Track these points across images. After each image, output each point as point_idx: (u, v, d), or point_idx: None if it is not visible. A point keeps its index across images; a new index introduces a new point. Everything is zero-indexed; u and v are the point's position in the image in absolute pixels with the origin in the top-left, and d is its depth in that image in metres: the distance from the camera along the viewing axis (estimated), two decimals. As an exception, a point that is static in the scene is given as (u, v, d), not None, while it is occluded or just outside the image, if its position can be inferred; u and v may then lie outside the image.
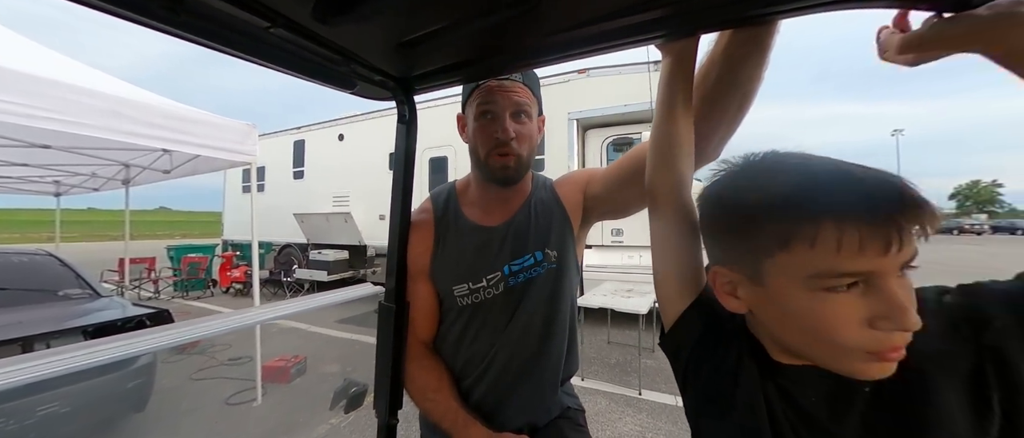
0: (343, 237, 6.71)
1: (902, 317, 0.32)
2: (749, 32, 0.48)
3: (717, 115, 0.55)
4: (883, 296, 0.33)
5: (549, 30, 0.50)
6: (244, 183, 8.19)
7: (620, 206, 0.78)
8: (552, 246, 0.78)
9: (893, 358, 0.34)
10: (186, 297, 7.02)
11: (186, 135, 2.52)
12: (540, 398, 0.80)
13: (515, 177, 0.78)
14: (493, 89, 0.74)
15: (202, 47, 0.49)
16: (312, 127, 7.76)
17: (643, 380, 3.06)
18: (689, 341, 0.48)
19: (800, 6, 0.39)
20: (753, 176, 0.39)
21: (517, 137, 0.74)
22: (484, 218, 0.81)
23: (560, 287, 0.79)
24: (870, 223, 0.32)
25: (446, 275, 0.79)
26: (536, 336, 0.78)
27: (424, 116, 1.24)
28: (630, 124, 4.82)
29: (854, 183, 0.33)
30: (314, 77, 0.61)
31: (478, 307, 0.78)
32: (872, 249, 0.32)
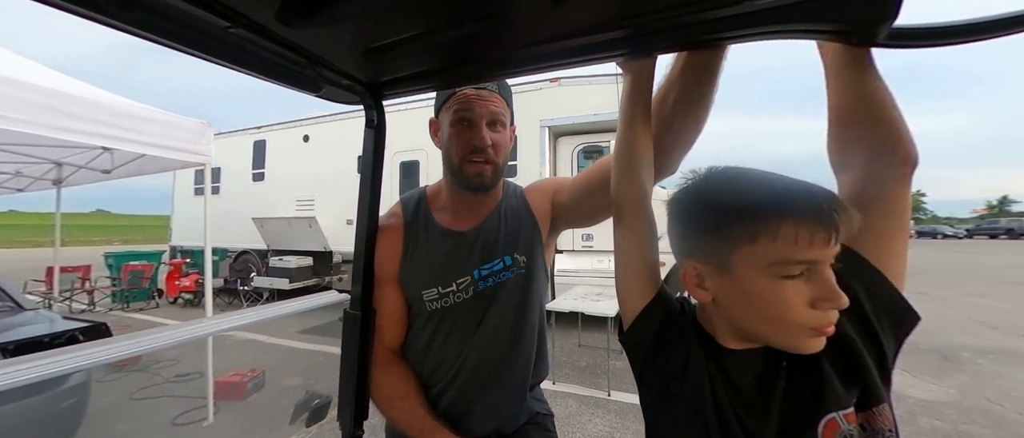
0: (307, 243, 6.41)
1: (837, 299, 0.40)
2: (701, 57, 0.53)
3: (675, 132, 0.60)
4: (822, 282, 0.41)
5: (516, 44, 0.51)
6: (197, 185, 7.64)
7: (587, 214, 0.81)
8: (521, 251, 0.80)
9: (828, 333, 0.42)
10: (127, 309, 6.41)
11: (131, 133, 2.32)
12: (508, 403, 0.81)
13: (490, 184, 0.79)
14: (470, 97, 0.75)
15: (156, 44, 0.46)
16: (274, 127, 7.38)
17: (612, 381, 3.13)
18: (647, 337, 0.53)
19: (740, 34, 0.44)
20: (723, 184, 0.47)
21: (493, 145, 0.76)
22: (455, 223, 0.82)
23: (529, 292, 0.80)
24: (818, 222, 0.40)
25: (416, 280, 0.79)
26: (505, 341, 0.79)
27: (395, 119, 1.22)
28: (599, 133, 4.98)
29: (806, 192, 0.42)
30: (278, 79, 0.59)
31: (447, 311, 0.78)
32: (819, 242, 0.40)
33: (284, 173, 7.03)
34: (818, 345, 0.42)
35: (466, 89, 0.75)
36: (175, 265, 6.98)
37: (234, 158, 7.39)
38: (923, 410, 2.79)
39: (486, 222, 0.81)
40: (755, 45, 0.46)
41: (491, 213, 0.82)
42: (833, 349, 0.44)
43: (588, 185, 0.77)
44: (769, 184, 0.44)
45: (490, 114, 0.75)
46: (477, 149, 0.75)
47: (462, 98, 0.75)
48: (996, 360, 3.77)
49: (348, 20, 0.48)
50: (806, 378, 0.44)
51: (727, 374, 0.47)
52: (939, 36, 0.37)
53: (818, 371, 0.44)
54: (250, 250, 7.20)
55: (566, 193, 0.82)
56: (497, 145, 0.76)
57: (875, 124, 0.46)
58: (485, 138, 0.74)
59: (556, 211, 0.83)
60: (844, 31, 0.38)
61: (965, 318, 5.50)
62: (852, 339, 0.44)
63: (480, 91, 0.75)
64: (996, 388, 3.13)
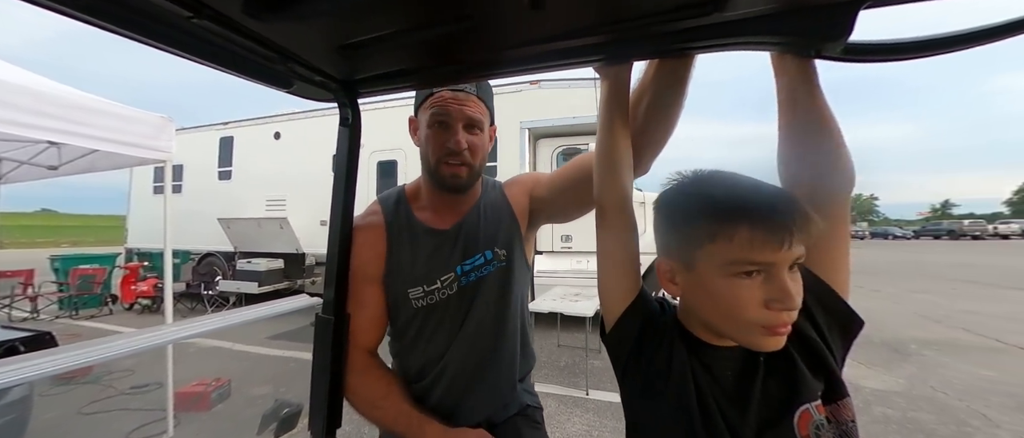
0: (278, 244, 6.15)
1: (788, 300, 0.43)
2: (671, 65, 0.56)
3: (647, 135, 0.63)
4: (776, 284, 0.43)
5: (494, 46, 0.51)
6: (156, 183, 7.20)
7: (563, 210, 0.83)
8: (501, 245, 0.82)
9: (782, 333, 0.44)
10: (76, 316, 5.95)
11: (81, 126, 2.15)
12: (497, 394, 0.82)
13: (466, 185, 0.80)
14: (447, 100, 0.75)
15: (110, 33, 0.43)
16: (243, 123, 7.05)
17: (590, 380, 3.18)
18: (630, 336, 0.55)
19: (708, 45, 0.46)
20: (697, 185, 0.50)
21: (470, 148, 0.77)
22: (435, 221, 0.83)
23: (509, 284, 0.82)
24: (771, 226, 0.42)
25: (401, 279, 0.79)
26: (489, 333, 0.80)
27: (372, 117, 1.19)
28: (579, 135, 5.05)
29: (764, 197, 0.45)
30: (246, 74, 0.57)
31: (433, 308, 0.79)
32: (771, 246, 0.42)
33: (253, 171, 6.73)
34: (773, 344, 0.45)
35: (444, 91, 0.75)
36: (131, 269, 6.54)
37: (199, 155, 7.02)
38: (876, 399, 2.99)
39: (466, 218, 0.83)
40: (727, 55, 0.48)
41: (471, 209, 0.84)
42: (802, 345, 0.48)
43: (565, 181, 0.80)
44: (735, 188, 0.47)
45: (466, 117, 0.76)
46: (453, 152, 0.76)
47: (439, 100, 0.75)
48: (939, 351, 4.09)
49: (320, 15, 0.47)
50: (782, 372, 0.47)
51: (709, 369, 0.49)
52: (889, 52, 0.40)
53: (792, 365, 0.47)
54: (215, 252, 6.84)
55: (544, 188, 0.84)
56: (473, 147, 0.77)
57: (823, 143, 0.49)
58: (461, 142, 0.75)
59: (534, 205, 0.85)
60: (802, 45, 0.40)
61: (912, 313, 5.93)
62: (815, 338, 0.48)
63: (457, 94, 0.75)
64: (940, 377, 3.39)
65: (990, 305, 6.34)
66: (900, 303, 6.70)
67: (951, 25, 0.40)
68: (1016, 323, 5.13)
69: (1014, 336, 4.51)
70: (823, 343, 0.48)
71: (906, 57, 0.41)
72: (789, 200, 0.44)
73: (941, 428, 2.56)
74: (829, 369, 0.47)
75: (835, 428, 0.45)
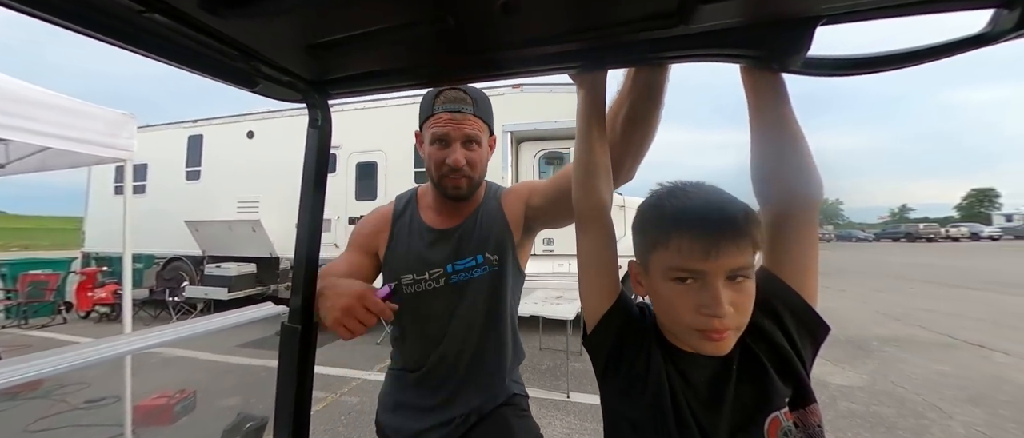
0: (250, 248, 5.92)
1: (714, 307, 0.45)
2: (646, 76, 0.57)
3: (627, 143, 0.65)
4: (706, 291, 0.46)
5: (466, 49, 0.51)
6: (117, 183, 6.81)
7: (556, 217, 0.87)
8: (492, 251, 0.88)
9: (715, 338, 0.46)
10: (25, 325, 5.54)
11: (30, 121, 2.00)
12: (485, 386, 0.89)
13: (467, 195, 0.88)
14: (446, 121, 0.83)
15: (53, 25, 0.40)
16: (213, 121, 6.76)
17: (571, 383, 3.19)
18: (610, 339, 0.56)
19: (677, 55, 0.47)
20: (660, 197, 0.52)
21: (468, 163, 0.85)
22: (436, 221, 0.92)
23: (500, 287, 0.88)
24: (699, 237, 0.46)
25: (396, 265, 0.90)
26: (478, 331, 0.88)
27: (352, 118, 1.15)
28: (560, 139, 5.10)
29: (702, 210, 0.47)
30: (206, 71, 0.53)
31: (420, 297, 0.88)
32: (698, 255, 0.46)
33: (225, 172, 6.45)
34: (712, 348, 0.47)
35: (443, 113, 0.83)
36: (88, 274, 6.15)
37: (165, 154, 6.68)
38: (841, 395, 3.13)
39: (464, 223, 0.90)
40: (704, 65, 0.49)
41: (469, 215, 0.91)
42: (772, 352, 0.49)
43: (557, 190, 0.83)
44: (688, 199, 0.49)
45: (464, 135, 0.84)
46: (452, 168, 0.84)
47: (439, 121, 0.83)
48: (899, 348, 4.33)
49: (285, 13, 0.45)
50: (753, 379, 0.49)
51: (684, 375, 0.51)
52: (846, 67, 0.42)
53: (763, 373, 0.48)
54: (182, 256, 6.52)
55: (538, 197, 0.88)
56: (471, 162, 0.85)
57: (791, 157, 0.51)
58: (459, 159, 0.83)
59: (529, 213, 0.89)
60: (764, 59, 0.41)
61: (874, 311, 6.27)
62: (785, 345, 0.50)
63: (455, 114, 0.83)
64: (899, 372, 3.59)
65: (943, 303, 6.78)
66: (863, 302, 7.07)
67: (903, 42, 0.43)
68: (966, 320, 5.50)
69: (965, 332, 4.82)
70: (793, 349, 0.50)
71: (862, 71, 0.43)
72: (726, 215, 0.46)
73: (901, 420, 2.70)
74: (798, 375, 0.49)
75: (803, 432, 0.47)
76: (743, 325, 0.47)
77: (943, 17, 0.40)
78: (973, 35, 0.39)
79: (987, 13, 0.39)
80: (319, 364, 0.73)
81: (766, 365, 0.48)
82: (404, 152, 5.38)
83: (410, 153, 5.36)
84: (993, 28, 0.39)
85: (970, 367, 3.70)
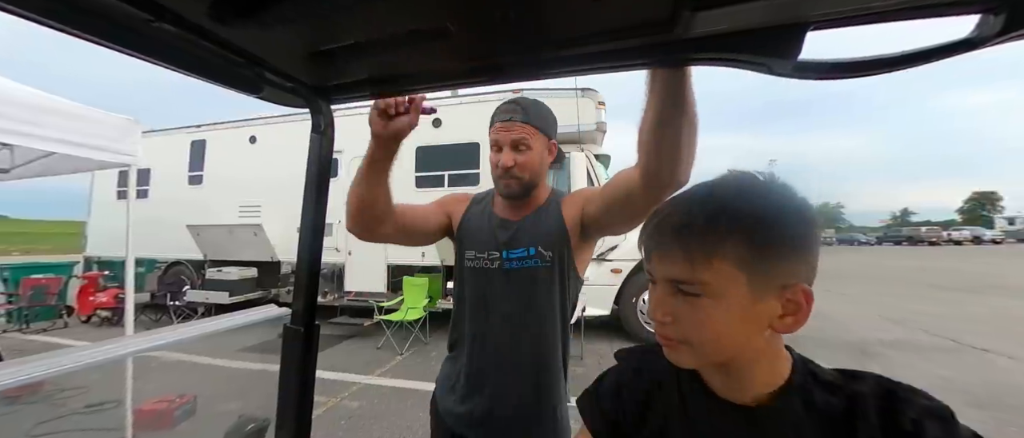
0: (251, 252, 5.93)
1: (651, 312, 0.45)
2: (663, 83, 0.57)
3: (656, 150, 0.65)
4: (653, 295, 0.46)
5: (468, 56, 0.52)
6: (120, 188, 6.84)
7: (610, 224, 0.91)
8: (546, 247, 0.94)
9: (664, 345, 0.45)
10: (26, 329, 5.54)
11: (36, 127, 2.03)
12: (518, 385, 0.92)
13: (519, 194, 0.96)
14: (498, 129, 0.95)
15: (70, 36, 0.41)
16: (216, 126, 6.81)
17: (572, 387, 3.18)
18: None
19: (675, 60, 0.48)
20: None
21: (517, 165, 0.93)
22: (503, 213, 1.01)
23: (549, 283, 0.94)
24: (647, 241, 0.46)
25: (465, 238, 1.01)
26: (524, 316, 0.93)
27: (353, 124, 1.15)
28: (561, 143, 5.11)
29: (671, 207, 0.46)
30: (212, 78, 0.55)
31: (479, 273, 0.97)
32: (649, 256, 0.46)
33: (227, 176, 6.48)
34: (668, 355, 0.45)
35: (496, 123, 0.95)
36: (90, 278, 6.16)
37: (168, 159, 6.72)
38: (844, 400, 3.11)
39: (525, 218, 0.98)
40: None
41: (530, 213, 0.99)
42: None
43: (609, 200, 0.86)
44: (678, 195, 0.48)
45: (511, 141, 0.93)
46: (503, 170, 0.94)
47: (494, 131, 0.96)
48: (901, 352, 4.31)
49: (290, 22, 0.46)
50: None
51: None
52: (836, 70, 0.43)
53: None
54: (183, 260, 6.54)
55: (593, 205, 0.91)
56: (520, 164, 0.93)
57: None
58: (507, 161, 0.93)
59: (585, 220, 0.93)
60: (756, 62, 0.42)
61: (876, 315, 6.24)
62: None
63: (506, 122, 0.94)
64: (901, 377, 3.54)
65: (946, 307, 6.75)
66: (865, 306, 7.04)
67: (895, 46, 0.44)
68: (969, 323, 5.47)
69: (968, 336, 4.80)
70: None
71: (851, 75, 0.44)
72: (683, 221, 0.42)
73: (903, 426, 2.68)
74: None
75: None
76: (698, 343, 0.43)
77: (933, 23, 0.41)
78: (959, 40, 0.40)
79: (974, 19, 0.40)
80: (319, 368, 0.73)
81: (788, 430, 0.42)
82: (407, 157, 5.41)
83: (412, 158, 5.39)
84: (979, 33, 0.40)
85: (973, 371, 3.68)
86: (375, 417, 2.92)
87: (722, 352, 0.43)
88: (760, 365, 0.44)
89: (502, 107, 0.96)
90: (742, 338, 0.42)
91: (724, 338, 0.42)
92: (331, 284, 5.81)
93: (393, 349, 4.40)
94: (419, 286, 4.92)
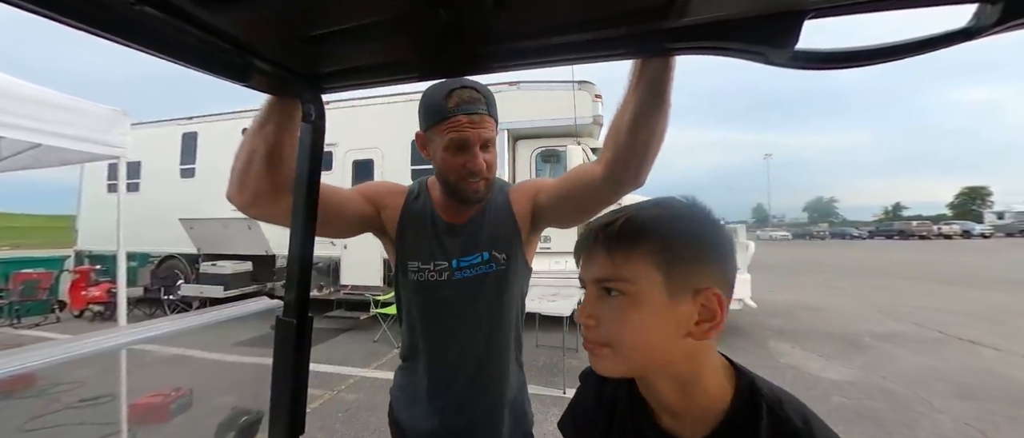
0: (246, 246, 5.89)
1: (576, 316, 0.47)
2: (650, 76, 0.56)
3: (631, 144, 0.64)
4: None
5: (461, 43, 0.51)
6: (110, 181, 6.75)
7: (560, 218, 0.87)
8: (500, 249, 0.87)
9: (590, 350, 0.46)
10: (17, 324, 5.49)
11: (22, 118, 1.99)
12: (491, 391, 0.89)
13: (485, 197, 0.86)
14: (464, 124, 0.78)
15: (47, 19, 0.40)
16: (208, 118, 6.71)
17: (567, 379, 3.21)
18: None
19: (671, 48, 0.47)
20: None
21: (487, 166, 0.82)
22: (446, 215, 0.90)
23: (506, 286, 0.88)
24: (578, 249, 0.48)
25: (405, 250, 0.89)
26: (483, 329, 0.87)
27: (349, 115, 1.14)
28: (557, 137, 5.10)
29: (591, 225, 0.47)
30: (198, 65, 0.53)
31: (426, 287, 0.87)
32: (579, 265, 0.48)
33: (220, 170, 6.37)
34: (593, 362, 0.46)
35: (459, 115, 0.78)
36: (81, 273, 6.10)
37: (158, 152, 6.63)
38: (834, 389, 3.17)
39: (472, 219, 0.89)
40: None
41: (477, 212, 0.89)
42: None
43: (564, 190, 0.83)
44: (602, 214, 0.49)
45: (482, 139, 0.80)
46: (473, 173, 0.80)
47: (456, 124, 0.78)
48: (890, 343, 4.38)
49: (280, 6, 0.45)
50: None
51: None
52: (830, 60, 0.42)
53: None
54: (177, 254, 6.48)
55: (545, 195, 0.87)
56: (490, 164, 0.83)
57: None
58: (480, 164, 0.80)
59: (536, 211, 0.89)
60: (753, 51, 0.42)
61: (867, 307, 6.33)
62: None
63: (472, 117, 0.79)
64: (890, 368, 3.63)
65: (935, 300, 6.86)
66: (857, 299, 7.14)
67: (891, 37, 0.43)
68: (957, 316, 5.57)
69: (955, 328, 4.89)
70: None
71: (849, 65, 0.43)
72: (602, 222, 0.45)
73: (890, 414, 2.74)
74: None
75: None
76: (618, 345, 0.43)
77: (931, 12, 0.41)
78: (957, 30, 0.40)
79: (971, 8, 0.39)
80: (316, 361, 0.73)
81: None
82: (401, 150, 5.37)
83: (407, 151, 5.35)
84: (977, 22, 0.39)
85: (960, 362, 3.75)
86: (372, 409, 2.93)
87: (641, 355, 0.43)
88: (694, 387, 0.44)
89: (461, 95, 0.78)
90: (660, 342, 0.43)
91: (643, 339, 0.43)
92: (327, 278, 5.79)
93: (390, 342, 4.41)
94: (415, 280, 4.92)
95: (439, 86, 0.81)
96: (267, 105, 0.68)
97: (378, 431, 2.59)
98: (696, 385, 0.44)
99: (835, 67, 0.43)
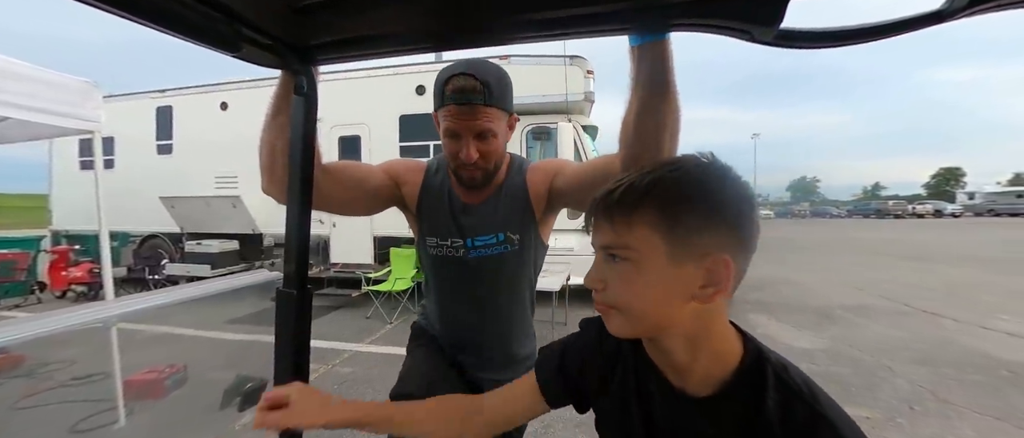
0: (231, 225, 5.78)
1: (586, 281, 0.48)
2: (648, 67, 0.55)
3: (639, 135, 0.61)
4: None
5: (457, 15, 0.51)
6: (83, 157, 6.45)
7: (578, 203, 0.84)
8: (514, 230, 0.89)
9: (600, 311, 0.47)
10: (-5, 305, 5.35)
11: (-15, 90, 1.88)
12: (492, 367, 0.95)
13: (481, 184, 0.87)
14: (454, 113, 0.78)
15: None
16: (184, 91, 6.40)
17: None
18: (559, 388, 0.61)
19: (658, 26, 0.48)
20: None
21: (481, 155, 0.81)
22: (461, 193, 0.91)
23: (520, 267, 0.92)
24: (588, 218, 0.48)
25: (425, 224, 0.92)
26: (495, 307, 0.92)
27: (334, 88, 1.10)
28: (548, 113, 5.03)
29: (598, 193, 0.47)
30: (185, 33, 0.51)
31: (443, 261, 0.91)
32: (588, 232, 0.48)
33: (199, 146, 6.16)
34: (605, 322, 0.47)
35: (451, 104, 0.77)
36: (60, 253, 5.92)
37: (131, 126, 6.32)
38: (804, 357, 3.38)
39: (487, 200, 0.90)
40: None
41: (492, 193, 0.90)
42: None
43: (585, 181, 0.80)
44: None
45: (477, 130, 0.79)
46: (464, 163, 0.81)
47: (448, 113, 0.78)
48: (859, 315, 4.65)
49: None
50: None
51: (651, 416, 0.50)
52: (817, 39, 0.45)
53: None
54: (159, 234, 6.33)
55: (564, 180, 0.86)
56: (485, 154, 0.81)
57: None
58: (469, 155, 0.79)
59: (553, 193, 0.89)
60: (737, 29, 0.43)
61: (841, 282, 6.65)
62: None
63: (463, 107, 0.77)
64: (858, 337, 3.87)
65: (903, 275, 7.23)
66: (832, 274, 7.48)
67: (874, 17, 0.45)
68: (922, 290, 5.91)
69: (920, 301, 5.19)
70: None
71: (831, 44, 0.46)
72: (606, 190, 0.45)
73: (855, 379, 2.95)
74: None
75: None
76: (625, 308, 0.44)
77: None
78: (930, 12, 0.42)
79: (945, -8, 0.42)
80: (311, 337, 0.76)
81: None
82: (388, 126, 5.25)
83: (395, 127, 5.23)
84: (949, 5, 0.42)
85: (921, 332, 4.02)
86: (367, 382, 3.01)
87: (647, 318, 0.44)
88: (701, 349, 0.44)
89: (456, 83, 0.76)
90: (664, 306, 0.43)
91: (647, 303, 0.43)
92: (317, 256, 5.76)
93: (382, 319, 4.47)
94: (407, 257, 4.94)
95: (447, 68, 0.80)
96: (275, 99, 0.72)
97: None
98: (705, 345, 0.44)
99: (817, 46, 0.45)
